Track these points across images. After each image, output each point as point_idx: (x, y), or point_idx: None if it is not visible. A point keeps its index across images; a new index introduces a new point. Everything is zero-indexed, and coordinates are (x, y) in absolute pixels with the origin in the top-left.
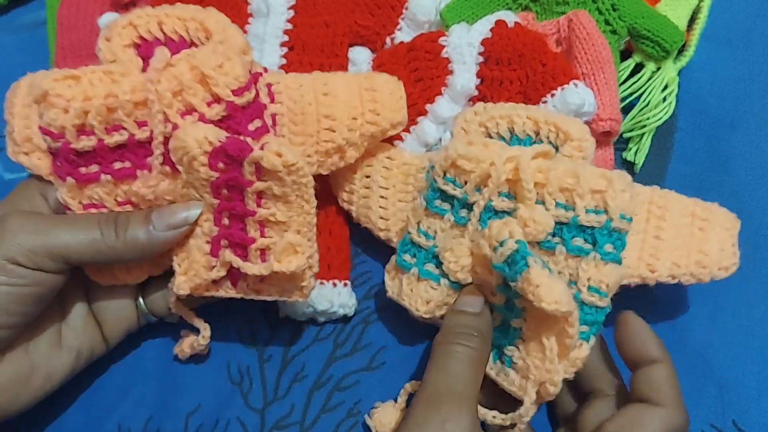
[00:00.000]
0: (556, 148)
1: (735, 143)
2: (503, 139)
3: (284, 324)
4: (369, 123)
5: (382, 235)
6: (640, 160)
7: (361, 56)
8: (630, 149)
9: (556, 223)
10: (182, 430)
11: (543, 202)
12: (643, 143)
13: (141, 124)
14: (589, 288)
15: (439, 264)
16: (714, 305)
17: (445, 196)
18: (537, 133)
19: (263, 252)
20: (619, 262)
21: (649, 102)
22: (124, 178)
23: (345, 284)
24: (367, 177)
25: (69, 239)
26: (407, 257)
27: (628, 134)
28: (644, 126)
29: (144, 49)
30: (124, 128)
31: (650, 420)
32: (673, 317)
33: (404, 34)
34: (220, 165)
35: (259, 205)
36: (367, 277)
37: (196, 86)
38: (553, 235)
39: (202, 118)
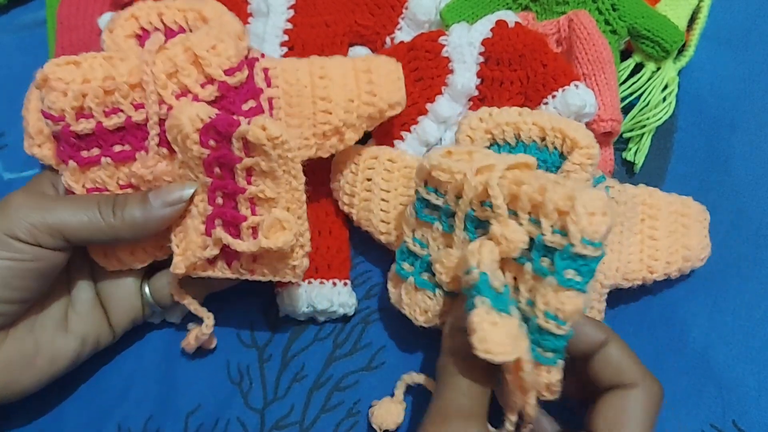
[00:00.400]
0: (562, 156)
1: (735, 143)
2: (509, 145)
3: (284, 324)
4: (366, 104)
5: (383, 238)
6: (640, 160)
7: (361, 56)
8: (630, 149)
9: (530, 239)
10: (182, 430)
11: (516, 214)
12: (643, 143)
13: (138, 107)
14: (546, 314)
15: (434, 273)
16: (714, 305)
17: (432, 205)
18: (543, 139)
19: (254, 230)
20: (583, 290)
21: (649, 102)
22: (124, 161)
23: (345, 284)
24: (368, 180)
25: (68, 217)
26: (405, 266)
27: (628, 134)
28: (644, 126)
29: (145, 39)
30: (122, 110)
31: (634, 406)
32: (673, 317)
33: (404, 33)
34: (211, 142)
35: (249, 183)
36: (367, 277)
37: (190, 67)
38: (529, 250)
39: (196, 99)
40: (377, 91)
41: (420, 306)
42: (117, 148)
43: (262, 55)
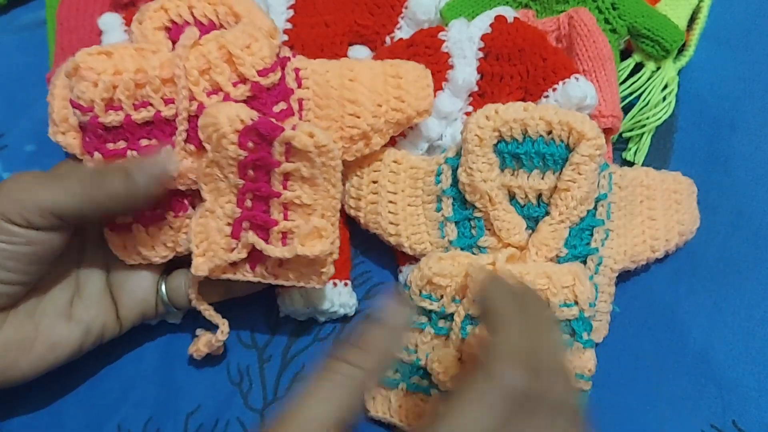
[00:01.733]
0: (568, 148)
1: (735, 143)
2: (516, 141)
3: (284, 324)
4: (394, 110)
5: (392, 240)
6: (639, 159)
7: (360, 55)
8: (630, 149)
9: None
10: (182, 430)
11: None
12: (642, 143)
13: (168, 102)
14: (576, 375)
15: (425, 375)
16: (714, 305)
17: (423, 311)
18: (549, 133)
19: (285, 235)
20: (593, 345)
21: (648, 102)
22: (150, 156)
23: (345, 284)
24: (375, 182)
25: (56, 194)
26: (390, 374)
27: (628, 134)
28: (644, 126)
29: (174, 32)
30: (152, 104)
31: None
32: (673, 317)
33: (404, 33)
34: (250, 144)
35: (285, 187)
36: (367, 277)
37: (223, 65)
38: None
39: (227, 98)
40: (406, 97)
41: (414, 411)
42: (144, 142)
43: (294, 54)
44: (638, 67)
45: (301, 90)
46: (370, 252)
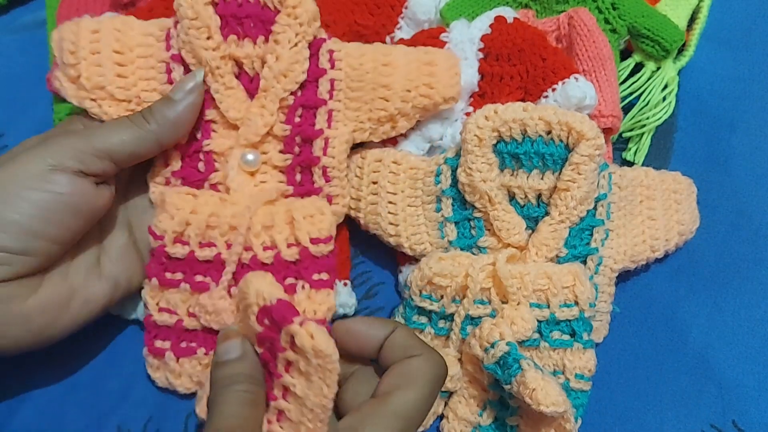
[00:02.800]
0: (567, 148)
1: (735, 143)
2: (515, 141)
3: None
4: (423, 96)
5: (392, 241)
6: (639, 159)
7: None
8: (630, 149)
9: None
10: (182, 430)
11: (519, 304)
12: (642, 143)
13: (229, 246)
14: (576, 375)
15: None
16: (714, 305)
17: (423, 312)
18: (549, 133)
19: (280, 413)
20: (594, 346)
21: (648, 101)
22: (200, 291)
23: (345, 284)
24: (374, 183)
25: (110, 137)
26: None
27: (628, 134)
28: (644, 126)
29: (222, 7)
30: (215, 245)
31: (417, 368)
32: (673, 317)
33: (404, 33)
34: (266, 321)
35: (287, 371)
36: (367, 277)
37: (284, 226)
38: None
39: (278, 257)
40: (435, 84)
41: None
42: (198, 278)
43: (330, 37)
44: (638, 67)
45: (333, 71)
46: (370, 252)
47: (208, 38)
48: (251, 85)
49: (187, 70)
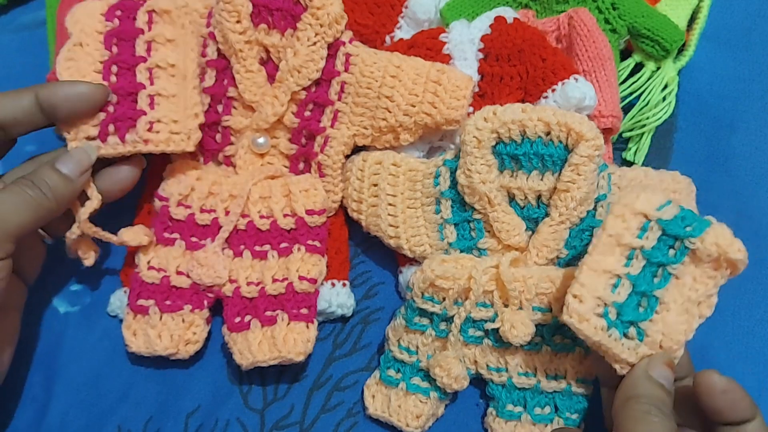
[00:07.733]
0: (566, 149)
1: (735, 143)
2: (515, 142)
3: None
4: (425, 114)
5: (392, 242)
6: (639, 159)
7: None
8: (630, 149)
9: (535, 325)
10: (182, 430)
11: (521, 308)
12: (642, 143)
13: (228, 212)
14: (578, 380)
15: (426, 377)
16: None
17: (424, 313)
18: (548, 134)
19: (152, 98)
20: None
21: (648, 101)
22: (193, 250)
23: (344, 284)
24: (375, 185)
25: (10, 219)
26: (392, 372)
27: (628, 134)
28: (644, 126)
29: None
30: (215, 211)
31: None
32: None
33: (404, 32)
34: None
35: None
36: (366, 277)
37: (282, 198)
38: (535, 336)
39: (275, 224)
40: (438, 104)
41: (412, 411)
42: (194, 239)
43: (351, 41)
44: (638, 67)
45: (346, 74)
46: (370, 252)
47: (237, 22)
48: (274, 73)
49: (219, 50)
